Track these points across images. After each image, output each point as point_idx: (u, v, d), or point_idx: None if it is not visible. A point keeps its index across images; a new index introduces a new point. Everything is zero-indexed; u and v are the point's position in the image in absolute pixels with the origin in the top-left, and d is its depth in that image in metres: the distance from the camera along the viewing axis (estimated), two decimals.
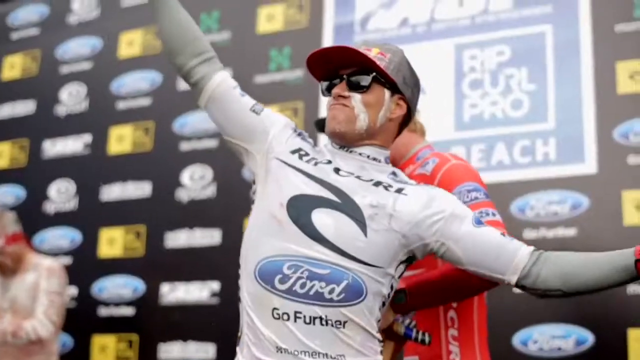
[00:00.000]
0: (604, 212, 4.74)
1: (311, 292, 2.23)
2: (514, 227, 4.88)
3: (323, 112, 5.28)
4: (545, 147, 4.93)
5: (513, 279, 2.30)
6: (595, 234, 4.73)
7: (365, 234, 2.28)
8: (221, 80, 2.51)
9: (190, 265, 5.91)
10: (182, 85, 6.22)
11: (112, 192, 6.31)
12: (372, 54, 2.45)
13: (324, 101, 2.50)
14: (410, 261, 2.39)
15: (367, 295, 2.27)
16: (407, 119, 2.56)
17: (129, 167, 6.32)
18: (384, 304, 2.35)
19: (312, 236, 2.27)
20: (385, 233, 2.30)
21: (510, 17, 5.25)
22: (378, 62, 2.41)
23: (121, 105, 6.47)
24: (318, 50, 2.43)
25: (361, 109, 2.41)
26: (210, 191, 5.95)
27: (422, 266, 2.90)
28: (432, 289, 2.82)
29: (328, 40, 5.66)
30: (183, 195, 6.03)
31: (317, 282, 2.23)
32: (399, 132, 2.57)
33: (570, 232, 4.79)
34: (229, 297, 5.64)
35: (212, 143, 6.01)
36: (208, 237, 5.87)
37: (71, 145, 6.59)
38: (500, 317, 4.83)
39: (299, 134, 2.54)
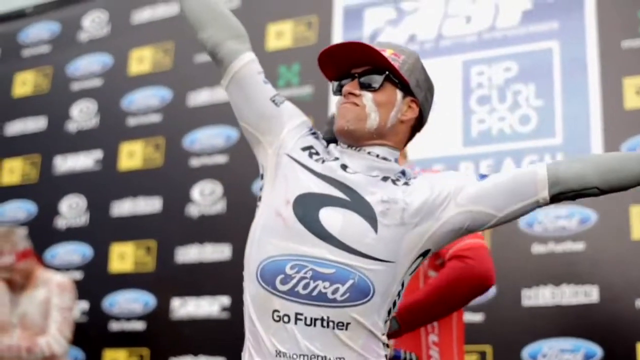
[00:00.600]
0: (611, 226, 4.76)
1: (314, 293, 2.17)
2: (522, 242, 4.93)
3: None
4: None
5: (545, 194, 2.28)
6: (603, 249, 4.75)
7: (376, 230, 2.23)
8: (248, 61, 2.45)
9: (201, 280, 5.94)
10: (192, 102, 6.28)
11: (123, 207, 6.36)
12: (386, 53, 2.39)
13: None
14: (425, 254, 2.33)
15: (374, 294, 2.21)
16: (419, 124, 2.51)
17: (139, 183, 6.37)
18: (394, 304, 2.30)
19: (318, 234, 2.21)
20: (398, 227, 2.25)
21: (517, 34, 5.29)
22: (391, 62, 2.36)
23: (131, 121, 6.52)
24: (331, 46, 2.39)
25: (372, 107, 2.36)
26: (220, 207, 5.99)
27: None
28: (422, 309, 2.89)
29: None
30: (193, 210, 6.07)
31: (320, 282, 2.17)
32: (411, 136, 2.52)
33: (579, 246, 4.81)
34: (239, 311, 5.61)
35: (222, 159, 6.05)
36: (218, 252, 5.90)
37: (82, 161, 6.64)
38: (510, 330, 4.88)
39: (314, 133, 2.47)
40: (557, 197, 2.31)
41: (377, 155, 2.39)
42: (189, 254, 6.01)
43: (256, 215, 2.38)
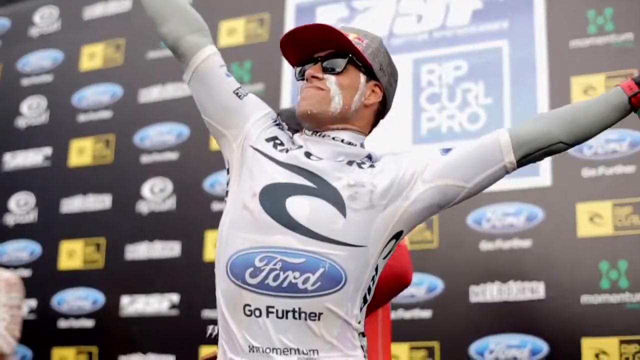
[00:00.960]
0: (558, 224, 4.81)
1: (284, 284, 2.14)
2: (470, 239, 4.96)
3: None
4: None
5: (512, 158, 2.28)
6: (550, 246, 4.80)
7: (345, 215, 2.19)
8: (210, 54, 2.42)
9: (150, 277, 5.91)
10: (143, 99, 6.25)
11: (73, 204, 6.30)
12: (350, 37, 2.36)
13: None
14: (398, 236, 2.30)
15: (346, 282, 2.17)
16: (383, 109, 2.48)
17: (89, 180, 6.31)
18: (369, 290, 2.27)
19: (285, 224, 2.18)
20: (367, 211, 2.22)
21: (467, 33, 5.33)
22: (355, 45, 2.34)
23: (82, 118, 6.47)
24: (294, 28, 2.35)
25: (336, 90, 2.33)
26: (170, 204, 5.96)
27: None
28: None
29: None
30: (143, 207, 6.04)
31: (290, 272, 2.14)
32: (376, 122, 2.49)
33: (526, 243, 4.85)
34: (188, 309, 5.66)
35: (172, 156, 6.02)
36: (168, 249, 5.87)
37: (32, 157, 6.58)
38: (457, 327, 4.92)
39: (278, 124, 2.43)
40: (524, 159, 2.31)
41: (342, 140, 2.36)
42: (138, 251, 5.97)
43: (224, 212, 2.34)
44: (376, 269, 2.28)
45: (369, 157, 2.38)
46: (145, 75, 6.30)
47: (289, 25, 5.82)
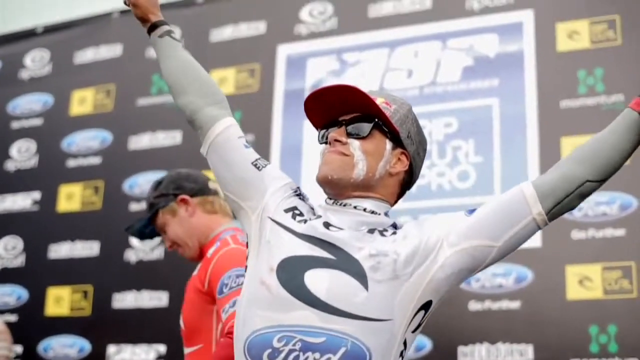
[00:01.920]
0: (547, 285, 4.79)
1: None
2: (460, 299, 4.93)
3: None
4: None
5: (539, 209, 2.14)
6: (539, 308, 4.77)
7: (367, 288, 2.07)
8: (228, 126, 2.34)
9: (137, 327, 5.86)
10: (133, 145, 6.22)
11: (60, 250, 6.26)
12: (377, 101, 2.24)
13: (274, 165, 2.39)
14: (427, 307, 2.15)
15: (371, 359, 2.04)
16: (410, 180, 2.36)
17: (77, 226, 6.28)
18: None
19: (304, 300, 2.06)
20: (391, 282, 2.09)
21: (458, 89, 5.32)
22: (382, 110, 2.23)
23: (71, 163, 6.44)
24: (320, 88, 2.24)
25: (360, 156, 2.21)
26: (158, 253, 5.92)
27: (200, 342, 3.02)
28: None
29: (278, 106, 5.69)
30: (131, 256, 6.00)
31: (310, 353, 2.00)
32: (402, 193, 2.36)
33: (515, 304, 4.82)
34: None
35: None
36: (155, 299, 5.83)
37: (20, 201, 6.54)
38: None
39: (299, 195, 2.33)
40: (555, 209, 2.17)
41: (365, 209, 2.24)
42: (125, 299, 5.93)
43: (242, 287, 2.24)
44: (405, 344, 2.14)
45: (394, 226, 2.25)
46: (135, 122, 6.27)
47: (280, 76, 5.80)
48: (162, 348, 5.72)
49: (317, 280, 2.09)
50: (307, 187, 2.40)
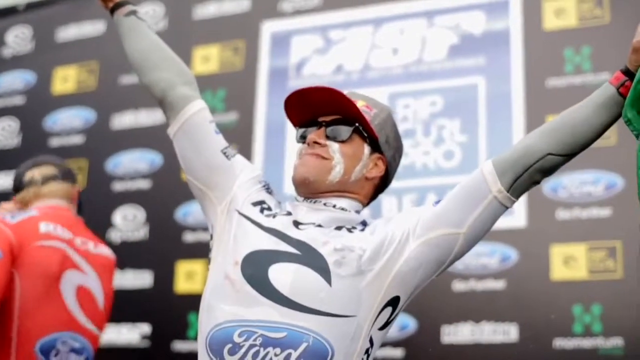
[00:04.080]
0: (532, 265, 4.75)
1: None
2: (444, 279, 4.89)
3: (257, 156, 5.28)
4: None
5: (499, 186, 2.12)
6: (524, 287, 4.74)
7: (330, 283, 2.06)
8: (200, 108, 2.33)
9: (121, 306, 5.80)
10: (116, 124, 6.15)
11: None
12: (358, 104, 2.24)
13: (258, 145, 2.35)
14: (395, 303, 2.15)
15: (333, 356, 2.03)
16: (383, 185, 2.38)
17: None
18: None
19: (267, 295, 2.06)
20: (355, 277, 2.09)
21: (443, 68, 5.26)
22: (363, 114, 2.22)
23: (54, 142, 6.37)
24: (300, 89, 2.24)
25: (338, 159, 2.22)
26: (142, 233, 5.87)
27: None
28: None
29: (263, 84, 5.63)
30: (115, 235, 5.94)
31: (271, 348, 2.00)
32: (374, 196, 2.38)
33: (499, 284, 4.79)
34: (160, 340, 5.58)
35: (145, 184, 5.93)
36: (139, 278, 5.78)
37: (2, 181, 6.47)
38: None
39: (267, 188, 2.34)
40: (516, 184, 2.14)
41: (334, 206, 2.26)
42: None
43: (207, 279, 2.23)
44: (371, 341, 2.13)
45: (363, 223, 2.25)
46: (118, 101, 6.20)
47: (264, 54, 5.74)
48: (146, 328, 5.68)
49: (280, 275, 2.09)
50: (291, 164, 2.36)
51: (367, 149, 2.29)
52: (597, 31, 4.99)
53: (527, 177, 2.15)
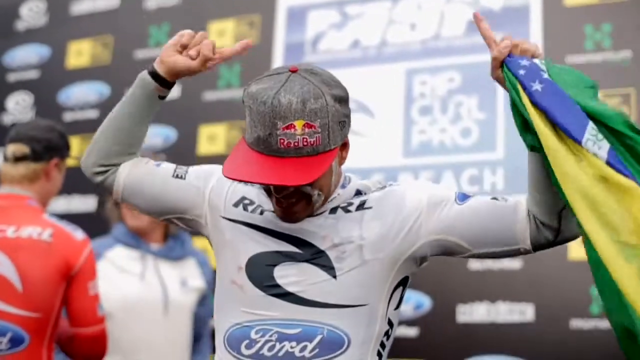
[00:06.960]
0: None
1: (280, 353, 2.07)
2: (458, 259, 4.85)
3: None
4: (493, 177, 4.89)
5: (528, 245, 2.13)
6: (540, 267, 4.69)
7: (335, 277, 2.08)
8: (130, 165, 2.35)
9: None
10: None
11: (57, 205, 6.18)
12: (298, 131, 2.01)
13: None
14: (405, 282, 2.17)
15: (350, 344, 2.08)
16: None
17: (74, 180, 6.16)
18: (383, 345, 2.15)
19: (277, 295, 2.10)
20: (359, 269, 2.10)
21: (461, 44, 5.19)
22: (308, 139, 2.01)
23: (68, 116, 6.34)
24: (245, 179, 2.10)
25: (317, 193, 2.10)
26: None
27: None
28: None
29: (278, 59, 5.58)
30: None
31: (287, 342, 2.08)
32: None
33: (515, 264, 4.75)
34: None
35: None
36: None
37: None
38: (444, 346, 4.86)
39: (240, 181, 2.21)
40: (547, 245, 2.19)
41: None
42: None
43: (216, 283, 2.27)
44: (389, 322, 2.16)
45: (358, 193, 2.20)
46: (132, 75, 6.13)
47: (280, 28, 5.68)
48: None
49: (286, 275, 2.11)
50: None
51: (331, 157, 2.11)
52: (618, 8, 4.91)
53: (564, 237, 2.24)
